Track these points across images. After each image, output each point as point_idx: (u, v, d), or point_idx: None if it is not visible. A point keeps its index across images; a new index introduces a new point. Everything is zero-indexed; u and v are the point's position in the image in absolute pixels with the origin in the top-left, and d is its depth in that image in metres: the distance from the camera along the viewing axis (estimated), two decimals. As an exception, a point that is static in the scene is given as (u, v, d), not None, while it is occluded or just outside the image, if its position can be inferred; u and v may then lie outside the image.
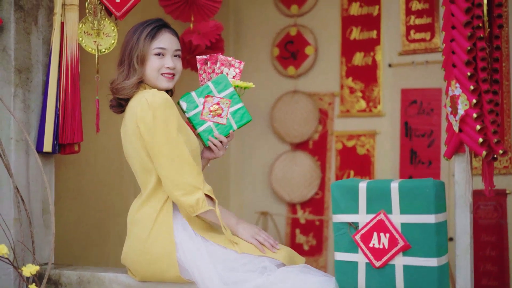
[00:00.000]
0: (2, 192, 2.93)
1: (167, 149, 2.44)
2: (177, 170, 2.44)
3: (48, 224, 3.09)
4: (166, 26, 2.64)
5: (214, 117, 2.65)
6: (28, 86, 3.01)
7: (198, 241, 2.52)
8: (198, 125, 2.65)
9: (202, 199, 2.43)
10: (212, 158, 2.73)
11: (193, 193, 2.43)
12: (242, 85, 2.73)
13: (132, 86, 2.56)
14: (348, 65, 4.86)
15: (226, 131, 2.66)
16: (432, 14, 4.51)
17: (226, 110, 2.65)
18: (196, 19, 3.85)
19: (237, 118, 2.66)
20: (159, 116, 2.44)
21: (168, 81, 2.61)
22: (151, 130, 2.44)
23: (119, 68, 2.62)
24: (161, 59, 2.59)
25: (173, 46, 2.62)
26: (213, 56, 2.77)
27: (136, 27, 2.64)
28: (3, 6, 2.96)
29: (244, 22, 5.26)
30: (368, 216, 2.36)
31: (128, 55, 2.59)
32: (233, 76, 2.77)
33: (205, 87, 2.67)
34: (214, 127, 2.65)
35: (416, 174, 4.51)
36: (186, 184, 2.43)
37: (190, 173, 2.44)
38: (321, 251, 4.92)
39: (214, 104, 2.65)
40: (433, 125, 4.50)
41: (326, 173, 4.94)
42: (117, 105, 2.65)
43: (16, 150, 2.94)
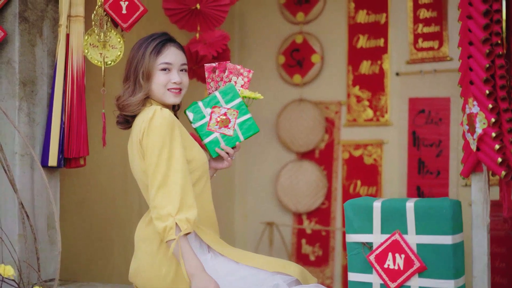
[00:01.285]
0: (6, 208, 2.88)
1: (153, 171, 2.38)
2: (157, 194, 2.36)
3: (53, 240, 3.04)
4: (171, 40, 2.59)
5: (221, 128, 2.59)
6: (33, 99, 2.96)
7: (211, 256, 2.46)
8: (204, 136, 2.60)
9: (170, 227, 2.32)
10: (219, 169, 2.68)
11: (164, 219, 2.34)
12: (250, 96, 2.66)
13: (138, 102, 2.51)
14: (355, 74, 4.81)
15: (232, 142, 2.61)
16: (440, 23, 4.45)
17: (233, 121, 2.59)
18: (202, 29, 3.80)
19: (244, 130, 2.61)
20: (152, 138, 2.38)
21: (175, 96, 2.56)
22: (145, 152, 2.41)
23: (125, 84, 2.56)
24: (167, 74, 2.53)
25: (179, 61, 2.57)
26: (221, 64, 2.70)
27: (141, 42, 2.58)
28: (7, 17, 2.91)
29: (249, 29, 5.20)
30: (383, 236, 2.31)
31: (134, 71, 2.54)
32: (242, 85, 2.70)
33: (212, 97, 2.61)
34: (220, 138, 2.60)
35: (424, 185, 4.46)
36: (161, 210, 2.34)
37: (170, 200, 2.34)
38: (327, 262, 4.86)
39: (221, 115, 2.59)
40: (441, 134, 4.44)
41: (332, 182, 4.89)
42: (124, 121, 2.60)
43: (21, 165, 2.89)
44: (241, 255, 2.49)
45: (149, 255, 2.49)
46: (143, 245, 2.53)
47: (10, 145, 2.88)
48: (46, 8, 3.02)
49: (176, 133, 2.41)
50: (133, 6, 2.99)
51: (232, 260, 2.47)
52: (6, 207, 2.88)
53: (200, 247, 2.50)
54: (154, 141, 2.38)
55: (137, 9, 3.00)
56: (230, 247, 2.55)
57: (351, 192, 4.80)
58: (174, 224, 2.32)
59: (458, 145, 4.35)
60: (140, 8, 3.00)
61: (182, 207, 2.34)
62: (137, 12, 3.00)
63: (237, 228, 5.12)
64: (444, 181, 4.40)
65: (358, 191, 4.78)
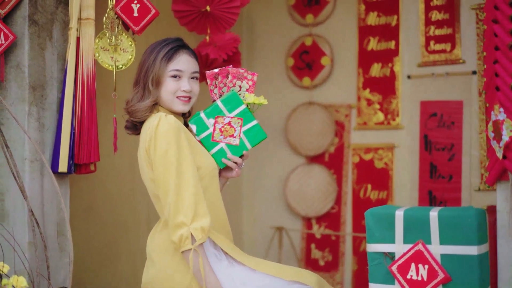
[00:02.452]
0: (15, 215, 2.82)
1: (163, 180, 2.33)
2: (169, 203, 2.31)
3: (63, 247, 2.98)
4: (184, 47, 2.53)
5: (226, 138, 2.52)
6: (43, 103, 2.89)
7: (226, 264, 2.41)
8: (210, 147, 2.53)
9: (185, 237, 2.28)
10: (230, 177, 2.63)
11: (178, 228, 2.29)
12: (254, 102, 2.57)
13: (146, 109, 2.46)
14: (366, 76, 4.74)
15: (239, 151, 2.53)
16: (452, 25, 4.39)
17: (239, 129, 2.52)
18: (212, 31, 3.74)
19: (251, 137, 2.53)
20: (159, 146, 2.34)
21: (184, 104, 2.50)
22: (153, 160, 2.36)
23: (135, 89, 2.51)
24: (177, 81, 2.48)
25: (191, 68, 2.51)
26: (223, 70, 2.62)
27: (154, 46, 2.52)
28: (16, 20, 2.85)
29: (257, 31, 5.14)
30: (405, 246, 2.26)
31: (144, 76, 2.48)
32: (247, 89, 2.61)
33: (214, 107, 2.53)
34: (226, 148, 2.52)
35: (436, 189, 4.39)
36: (174, 219, 2.30)
37: (183, 208, 2.29)
38: (337, 267, 4.80)
39: (225, 125, 2.52)
40: (454, 138, 4.38)
41: (342, 186, 4.82)
42: (132, 126, 2.55)
43: (31, 171, 2.83)
44: (257, 263, 2.44)
45: (163, 264, 2.44)
46: (156, 254, 2.48)
47: (19, 151, 2.82)
48: (56, 10, 2.96)
49: (182, 139, 2.36)
50: (144, 9, 2.93)
51: (248, 267, 2.42)
52: (15, 214, 2.82)
53: (215, 253, 2.44)
54: (162, 149, 2.32)
55: (149, 11, 2.94)
56: (245, 254, 2.50)
57: (361, 197, 4.74)
58: (189, 234, 2.27)
59: (471, 148, 4.29)
60: (152, 10, 2.94)
61: (196, 216, 2.29)
62: (149, 15, 2.94)
63: (245, 233, 5.06)
64: (457, 186, 4.34)
65: (369, 196, 4.71)
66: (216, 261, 2.41)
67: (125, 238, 3.98)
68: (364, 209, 4.63)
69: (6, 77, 2.85)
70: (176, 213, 2.29)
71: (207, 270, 2.31)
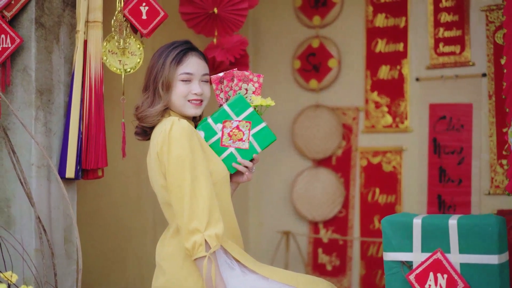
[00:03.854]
0: (22, 222, 2.77)
1: (176, 185, 2.28)
2: (182, 208, 2.26)
3: (70, 254, 2.93)
4: (193, 49, 2.48)
5: (235, 142, 2.47)
6: (50, 108, 2.84)
7: (239, 272, 2.36)
8: (219, 152, 2.48)
9: (199, 243, 2.23)
10: (241, 182, 2.58)
11: (192, 235, 2.24)
12: (262, 104, 2.51)
13: (157, 114, 2.41)
14: (373, 79, 4.69)
15: (249, 155, 2.49)
16: (462, 27, 4.34)
17: (247, 133, 2.47)
18: (219, 34, 3.69)
19: (260, 140, 2.48)
20: (173, 150, 2.28)
21: (196, 107, 2.45)
22: (166, 165, 2.30)
23: (144, 94, 2.46)
24: (187, 85, 2.43)
25: (201, 71, 2.46)
26: (228, 73, 2.56)
27: (162, 50, 2.47)
28: (23, 23, 2.80)
29: (263, 33, 5.09)
30: (423, 254, 2.21)
31: (153, 81, 2.43)
32: (253, 91, 2.55)
33: (221, 112, 2.48)
34: (236, 152, 2.48)
35: (445, 193, 4.34)
36: (188, 225, 2.24)
37: (197, 214, 2.24)
38: (345, 272, 4.75)
39: (233, 129, 2.47)
40: (463, 141, 4.32)
41: (350, 190, 4.77)
42: (142, 132, 2.50)
43: (37, 177, 2.78)
44: (269, 271, 2.40)
45: (173, 273, 2.39)
46: (166, 263, 2.43)
47: (26, 156, 2.77)
48: (63, 13, 2.91)
49: (196, 144, 2.31)
50: (153, 11, 2.89)
51: (261, 276, 2.37)
52: (22, 221, 2.77)
53: (227, 261, 2.40)
54: (175, 153, 2.27)
55: (158, 14, 2.89)
56: (257, 262, 2.45)
57: (369, 201, 4.69)
58: (203, 241, 2.22)
59: (481, 152, 4.24)
60: (160, 13, 2.89)
61: (211, 222, 2.24)
62: (157, 17, 2.89)
63: (251, 237, 5.00)
64: (466, 190, 4.29)
65: (377, 199, 4.66)
66: (228, 269, 2.36)
67: (131, 243, 3.93)
68: (372, 213, 4.68)
69: (13, 81, 2.80)
70: (190, 219, 2.24)
71: (219, 279, 2.26)
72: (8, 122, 2.79)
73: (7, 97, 2.77)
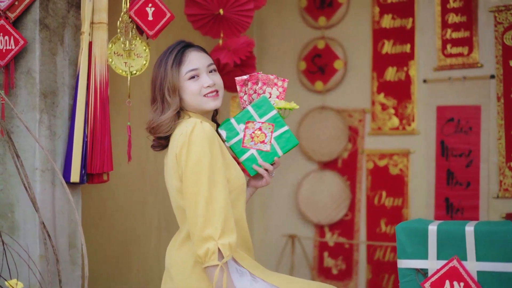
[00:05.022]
0: (26, 227, 2.71)
1: (193, 189, 2.21)
2: (197, 214, 2.19)
3: (75, 260, 2.88)
4: (189, 46, 2.41)
5: (256, 144, 2.42)
6: (54, 111, 2.78)
7: (249, 278, 2.31)
8: (240, 154, 2.43)
9: (212, 251, 2.16)
10: (259, 187, 2.52)
11: (205, 242, 2.17)
12: (285, 107, 2.48)
13: (169, 120, 2.33)
14: (380, 80, 4.64)
15: (270, 158, 2.43)
16: (470, 28, 4.29)
17: (270, 135, 2.42)
18: (226, 35, 3.64)
19: (282, 143, 2.42)
20: (193, 153, 2.21)
21: (214, 99, 2.38)
22: (184, 168, 2.23)
23: (153, 106, 2.38)
24: (197, 81, 2.36)
25: (204, 63, 2.39)
26: (253, 76, 2.52)
27: (160, 58, 2.41)
28: (27, 25, 2.74)
29: (268, 34, 5.04)
30: (439, 262, 2.16)
31: (159, 90, 2.36)
32: (277, 95, 2.51)
33: (244, 112, 2.44)
34: (257, 154, 2.42)
35: (453, 196, 4.29)
36: (202, 231, 2.17)
37: (212, 221, 2.18)
38: (351, 276, 4.69)
39: (256, 130, 2.42)
40: (471, 144, 4.27)
41: (356, 193, 4.72)
42: (158, 145, 2.42)
43: (41, 182, 2.72)
44: (281, 280, 2.34)
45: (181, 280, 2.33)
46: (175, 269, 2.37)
47: (30, 161, 2.71)
48: (68, 14, 2.85)
49: (217, 149, 2.24)
50: (159, 12, 2.83)
51: (272, 284, 2.31)
52: (26, 226, 2.71)
53: (237, 268, 2.34)
54: (194, 156, 2.20)
55: (164, 15, 2.84)
56: (268, 270, 2.40)
57: (375, 204, 4.63)
58: (217, 249, 2.15)
59: (489, 155, 4.19)
60: (167, 14, 2.84)
61: (225, 231, 2.17)
62: (164, 18, 2.84)
63: (256, 241, 4.94)
64: (475, 193, 4.23)
65: (383, 203, 4.61)
66: (239, 277, 2.31)
67: (135, 248, 3.87)
68: (379, 217, 4.62)
69: (16, 83, 2.74)
70: (205, 225, 2.17)
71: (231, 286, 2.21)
72: (11, 126, 2.74)
73: (10, 100, 2.71)
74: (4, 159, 2.74)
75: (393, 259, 4.52)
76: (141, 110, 3.50)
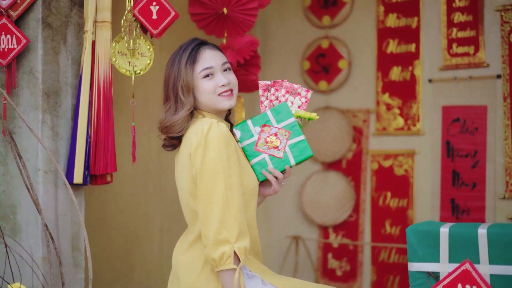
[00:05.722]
0: (28, 229, 2.67)
1: (208, 191, 2.15)
2: (212, 216, 2.13)
3: (77, 263, 2.83)
4: (204, 44, 2.36)
5: (270, 149, 2.33)
6: (57, 111, 2.74)
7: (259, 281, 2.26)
8: (251, 156, 2.35)
9: (228, 255, 2.11)
10: (267, 195, 2.43)
11: (220, 245, 2.12)
12: (305, 116, 2.40)
13: (182, 120, 2.27)
14: (385, 80, 4.60)
15: (282, 165, 2.33)
16: (476, 27, 4.24)
17: (284, 142, 2.33)
18: (230, 34, 3.60)
19: (296, 152, 2.33)
20: (209, 154, 2.15)
21: (229, 99, 2.31)
22: (199, 168, 2.17)
23: (165, 105, 2.32)
24: (211, 79, 2.30)
25: (219, 61, 2.33)
26: (277, 82, 2.45)
27: (173, 56, 2.35)
28: (29, 23, 2.70)
29: (271, 34, 5.00)
30: (451, 265, 2.11)
31: (173, 89, 2.30)
32: (299, 105, 2.43)
33: (263, 115, 2.37)
34: (269, 159, 2.33)
35: (458, 197, 4.25)
36: (217, 234, 2.11)
37: (227, 224, 2.12)
38: (355, 277, 4.65)
39: (271, 135, 2.34)
40: (477, 144, 4.22)
41: (360, 194, 4.68)
42: (170, 145, 2.36)
43: (44, 183, 2.68)
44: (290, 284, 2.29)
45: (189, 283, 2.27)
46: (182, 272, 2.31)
47: (32, 162, 2.67)
48: (70, 13, 2.81)
49: (233, 151, 2.19)
50: (164, 11, 2.79)
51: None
52: (29, 228, 2.67)
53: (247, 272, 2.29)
54: (210, 157, 2.15)
55: (168, 14, 2.79)
56: (276, 274, 2.35)
57: (380, 205, 4.59)
58: (232, 252, 2.10)
59: (495, 155, 4.15)
60: (171, 13, 2.80)
61: (241, 234, 2.12)
62: (168, 17, 2.80)
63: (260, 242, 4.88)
64: (481, 194, 4.19)
65: (388, 204, 4.56)
66: (248, 279, 2.26)
67: (138, 249, 3.83)
68: (384, 218, 4.58)
69: (19, 83, 2.70)
70: (221, 228, 2.11)
71: None
72: (13, 126, 2.70)
73: (13, 100, 2.67)
74: (6, 160, 2.70)
75: (398, 261, 4.48)
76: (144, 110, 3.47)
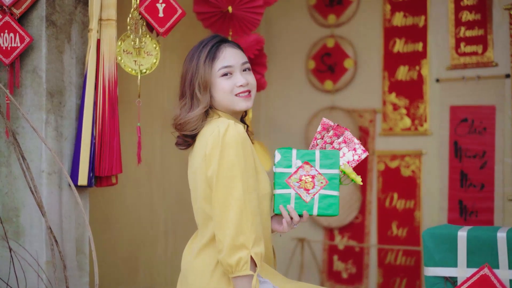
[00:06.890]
0: (32, 232, 2.61)
1: (224, 194, 2.09)
2: (228, 220, 2.07)
3: (82, 266, 2.78)
4: (224, 41, 2.29)
5: (299, 188, 2.21)
6: (61, 111, 2.68)
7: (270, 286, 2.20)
8: (279, 185, 2.23)
9: (245, 261, 2.05)
10: (274, 231, 2.33)
11: (237, 250, 2.06)
12: (350, 175, 2.27)
13: (197, 118, 2.21)
14: (391, 80, 4.54)
15: (302, 209, 2.21)
16: (484, 26, 4.18)
17: (317, 189, 2.20)
18: (236, 33, 3.54)
19: (323, 205, 2.20)
20: (226, 156, 2.09)
21: (246, 100, 2.25)
22: (216, 170, 2.10)
23: (181, 101, 2.26)
24: (230, 79, 2.23)
25: (239, 60, 2.26)
26: (340, 128, 2.36)
27: (192, 52, 2.29)
28: (33, 21, 2.64)
29: (276, 33, 4.94)
30: (469, 270, 2.06)
31: (189, 85, 2.24)
32: (348, 161, 2.31)
33: (310, 152, 2.23)
34: (293, 198, 2.21)
35: (466, 199, 4.18)
36: (234, 239, 2.05)
37: (244, 229, 2.06)
38: (361, 280, 4.59)
39: (308, 175, 2.21)
40: (485, 145, 4.16)
41: (367, 195, 4.61)
42: (183, 142, 2.30)
43: (48, 185, 2.62)
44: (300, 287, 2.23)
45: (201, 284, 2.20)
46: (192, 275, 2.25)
47: (36, 163, 2.61)
48: (75, 11, 2.75)
49: (250, 154, 2.12)
50: (170, 9, 2.73)
51: None
52: (32, 231, 2.61)
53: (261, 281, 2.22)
54: (228, 160, 2.08)
55: (175, 12, 2.73)
56: (287, 279, 2.30)
57: (387, 206, 4.53)
58: (249, 258, 2.04)
59: (504, 156, 4.09)
60: (178, 11, 2.74)
61: (258, 239, 2.06)
62: (175, 15, 2.74)
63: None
64: (489, 195, 4.13)
65: (395, 205, 4.50)
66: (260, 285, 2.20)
67: (143, 252, 3.77)
68: (390, 219, 4.52)
69: (22, 82, 2.64)
70: (238, 233, 2.05)
71: None
72: (17, 126, 2.64)
73: (16, 100, 2.60)
74: (9, 161, 2.64)
75: (404, 263, 4.43)
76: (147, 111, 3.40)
